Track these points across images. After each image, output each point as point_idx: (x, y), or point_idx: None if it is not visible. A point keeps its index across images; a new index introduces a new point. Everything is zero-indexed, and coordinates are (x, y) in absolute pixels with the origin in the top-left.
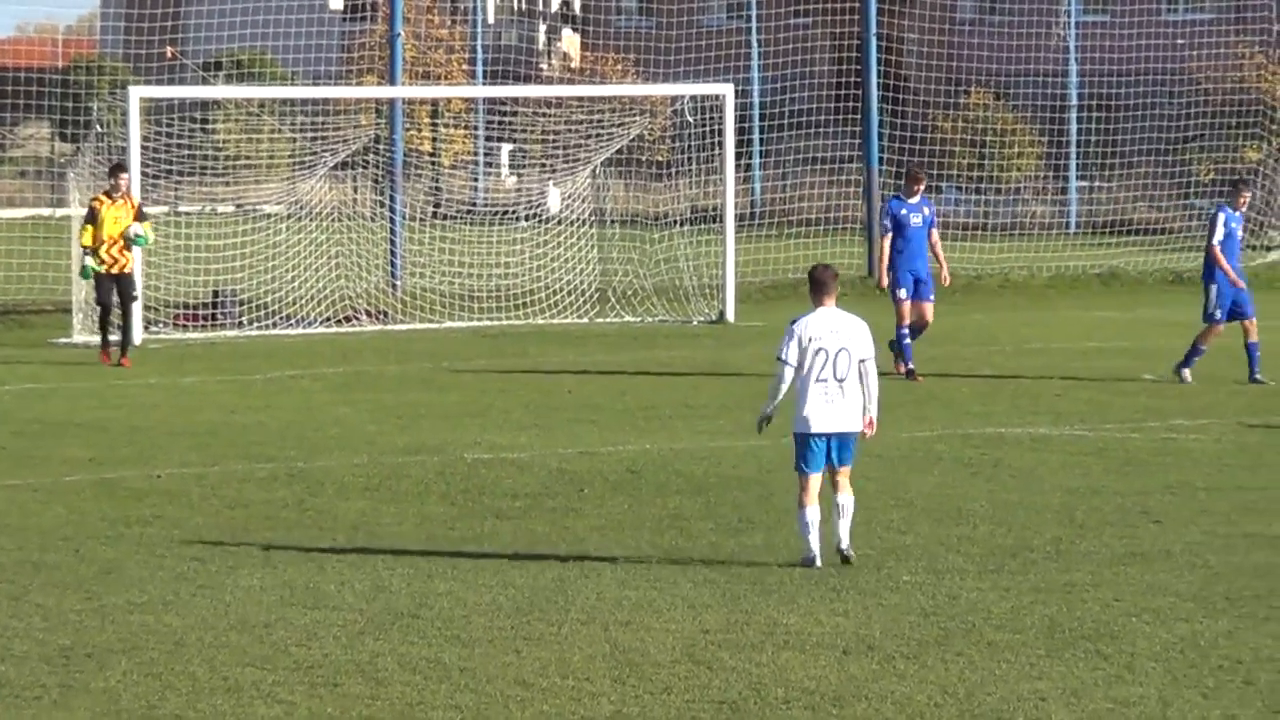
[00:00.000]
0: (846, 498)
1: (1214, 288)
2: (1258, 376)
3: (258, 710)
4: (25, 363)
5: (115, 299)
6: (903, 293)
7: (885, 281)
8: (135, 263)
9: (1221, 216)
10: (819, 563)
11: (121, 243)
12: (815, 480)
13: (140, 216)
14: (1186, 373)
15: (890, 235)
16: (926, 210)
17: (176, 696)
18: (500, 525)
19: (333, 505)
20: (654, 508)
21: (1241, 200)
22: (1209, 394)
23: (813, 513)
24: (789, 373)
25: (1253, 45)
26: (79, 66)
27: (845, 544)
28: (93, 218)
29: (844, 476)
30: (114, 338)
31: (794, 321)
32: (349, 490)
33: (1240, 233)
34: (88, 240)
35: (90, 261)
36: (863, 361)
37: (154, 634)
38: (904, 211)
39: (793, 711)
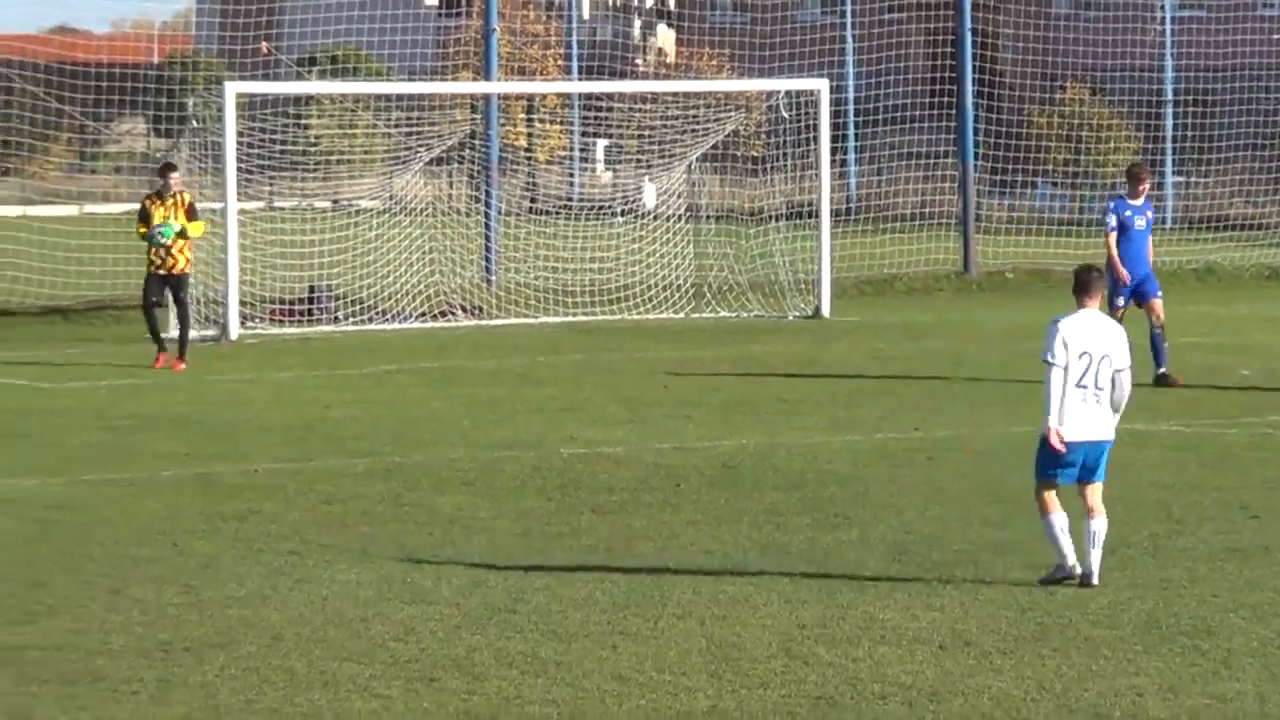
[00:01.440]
0: (1101, 523)
1: None
2: None
3: (355, 705)
4: (120, 358)
5: (166, 300)
6: (1120, 301)
7: (1125, 277)
8: (234, 265)
9: None
10: (1078, 570)
11: (172, 242)
12: (1055, 490)
13: (192, 215)
14: None
15: (1114, 235)
16: (1150, 214)
17: (274, 691)
18: (596, 520)
19: (429, 500)
20: (750, 503)
21: None
22: None
23: (1059, 519)
24: (1058, 375)
25: None
26: (174, 62)
27: (1095, 575)
28: (144, 217)
29: (1097, 496)
30: (169, 335)
31: (1056, 321)
32: (445, 485)
33: None
34: (143, 231)
35: (159, 230)
36: (1119, 371)
37: (251, 628)
38: (1129, 213)
39: (889, 706)
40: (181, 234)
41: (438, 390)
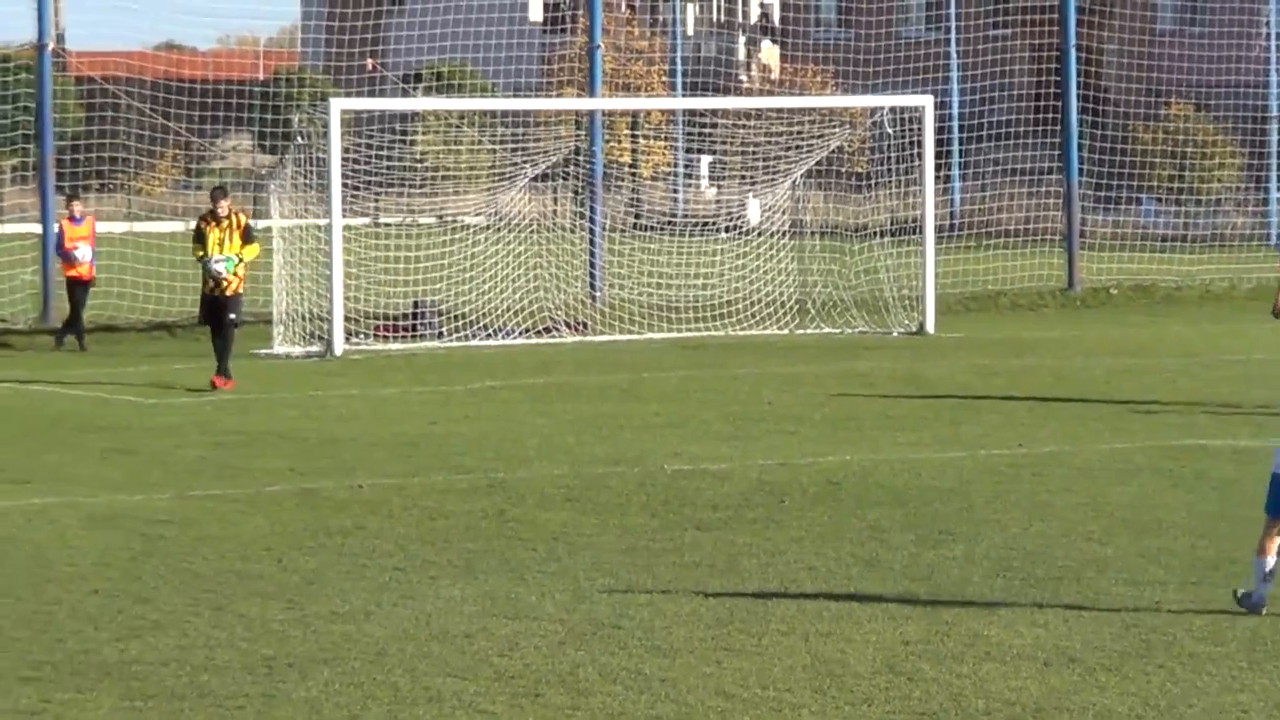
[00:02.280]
0: None
1: None
2: None
3: None
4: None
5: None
6: None
7: None
8: (339, 281)
9: None
10: (1263, 610)
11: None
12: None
13: (248, 238)
14: None
15: None
16: None
17: (378, 706)
18: (700, 536)
19: (533, 516)
20: (854, 519)
21: None
22: None
23: (1270, 562)
24: None
25: None
26: (280, 78)
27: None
28: (200, 238)
29: None
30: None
31: None
32: (549, 501)
33: None
34: (199, 255)
35: (220, 265)
36: None
37: (356, 644)
38: None
39: None
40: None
41: (542, 406)
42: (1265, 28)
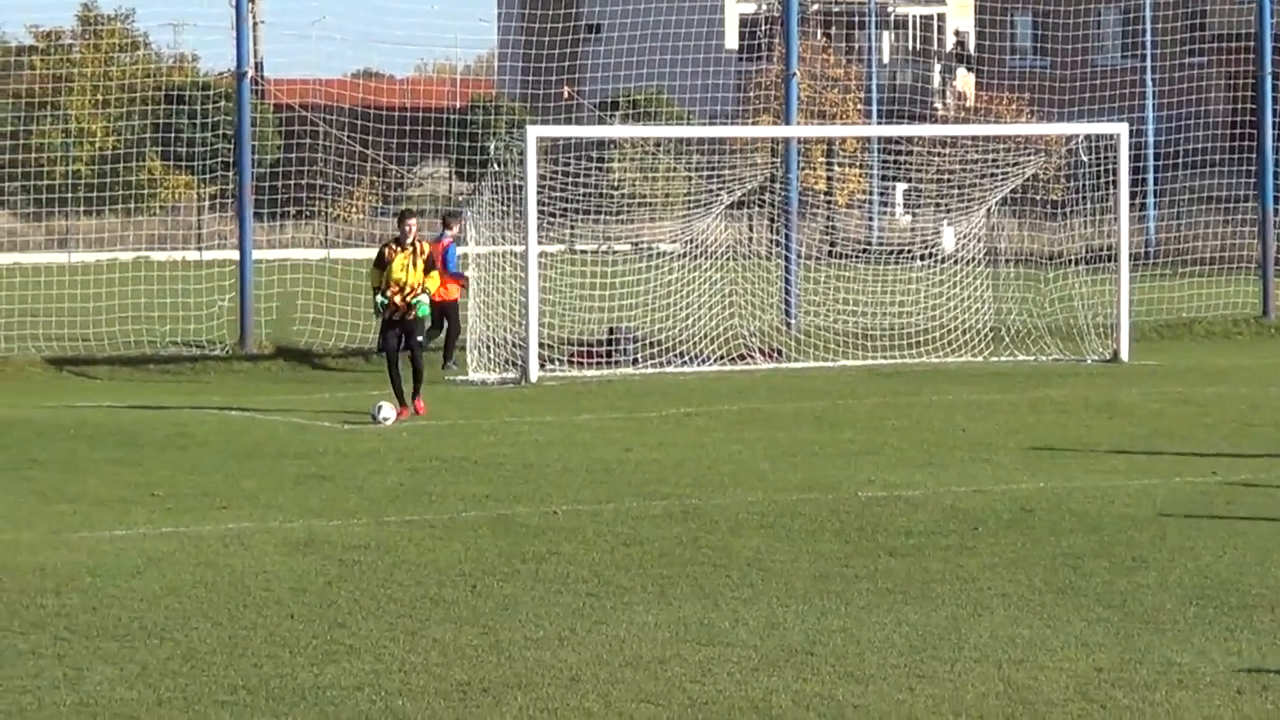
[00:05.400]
0: None
1: None
2: None
3: None
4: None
5: (400, 344)
6: None
7: None
8: (534, 307)
9: None
10: None
11: (410, 290)
12: None
13: (429, 266)
14: None
15: None
16: None
17: None
18: (893, 562)
19: (727, 542)
20: (1047, 546)
21: None
22: None
23: None
24: None
25: None
26: (477, 106)
27: None
28: (381, 263)
29: None
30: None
31: None
32: (743, 527)
33: None
34: (374, 281)
35: (379, 299)
36: None
37: (549, 669)
38: None
39: None
40: (400, 291)
41: (736, 433)
42: None
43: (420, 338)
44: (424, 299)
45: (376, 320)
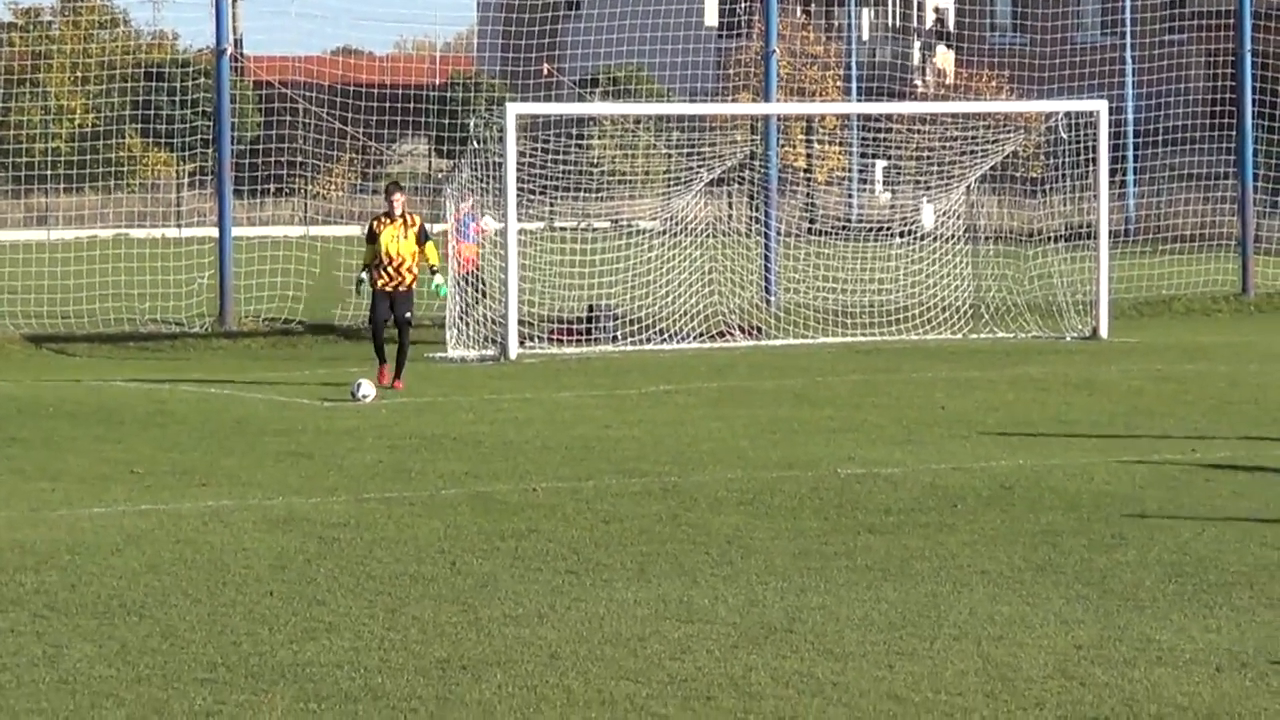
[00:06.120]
0: None
1: None
2: None
3: None
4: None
5: (389, 318)
6: None
7: None
8: (514, 285)
9: None
10: None
11: (400, 261)
12: None
13: (423, 238)
14: None
15: None
16: None
17: (551, 710)
18: (873, 540)
19: (706, 519)
20: (1027, 523)
21: None
22: None
23: None
24: None
25: None
26: (456, 83)
27: None
28: (372, 238)
29: None
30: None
31: None
32: (722, 505)
33: None
34: (368, 258)
35: (365, 276)
36: None
37: (529, 647)
38: None
39: None
40: (397, 263)
41: (716, 410)
42: None
43: (409, 314)
44: (440, 279)
45: (359, 298)
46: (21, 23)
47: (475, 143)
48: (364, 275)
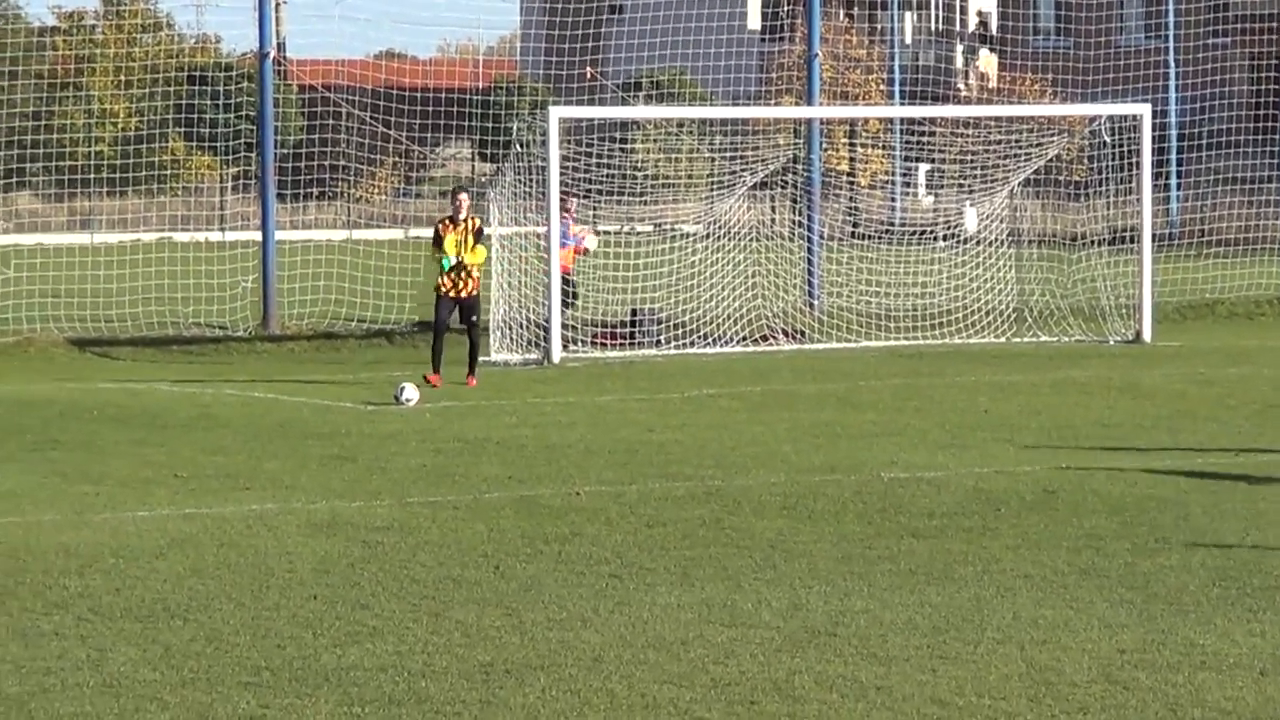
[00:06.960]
0: None
1: None
2: None
3: None
4: (445, 381)
5: (456, 320)
6: None
7: None
8: (557, 288)
9: None
10: None
11: (465, 267)
12: None
13: (479, 237)
14: None
15: None
16: None
17: (594, 714)
18: (916, 544)
19: (749, 523)
20: (1070, 527)
21: None
22: None
23: None
24: None
25: None
26: (499, 87)
27: None
28: (438, 242)
29: None
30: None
31: None
32: (766, 509)
33: None
34: (434, 258)
35: (444, 258)
36: None
37: (572, 650)
38: None
39: None
40: (458, 266)
41: (759, 414)
42: None
43: (475, 318)
44: (449, 259)
45: (442, 276)
46: (65, 26)
47: (518, 146)
48: (444, 257)
